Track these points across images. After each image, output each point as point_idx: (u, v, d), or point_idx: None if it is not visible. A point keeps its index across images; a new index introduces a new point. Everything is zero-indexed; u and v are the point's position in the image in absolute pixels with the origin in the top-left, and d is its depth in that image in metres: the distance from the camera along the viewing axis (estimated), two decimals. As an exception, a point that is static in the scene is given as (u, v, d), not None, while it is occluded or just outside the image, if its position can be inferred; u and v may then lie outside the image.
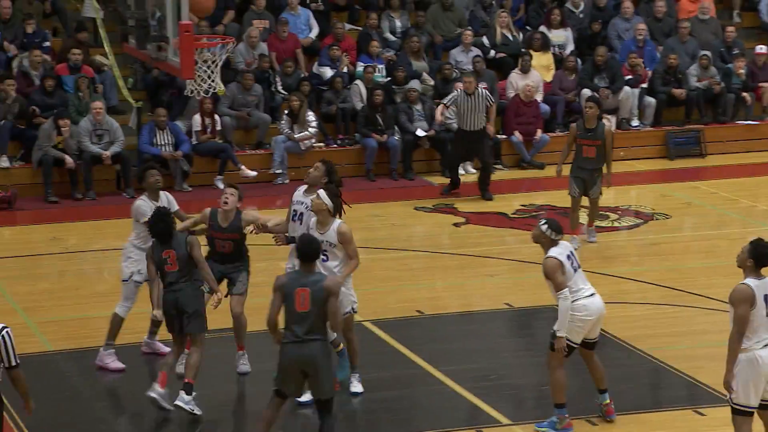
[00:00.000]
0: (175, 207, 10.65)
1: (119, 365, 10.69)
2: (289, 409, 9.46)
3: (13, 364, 7.53)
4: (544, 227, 9.26)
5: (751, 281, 8.05)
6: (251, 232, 10.19)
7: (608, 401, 9.41)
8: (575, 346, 9.27)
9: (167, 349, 10.74)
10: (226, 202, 10.11)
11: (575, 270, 9.24)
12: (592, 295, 9.28)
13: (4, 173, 16.66)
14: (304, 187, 10.03)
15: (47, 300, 12.67)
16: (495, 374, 10.53)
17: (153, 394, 9.49)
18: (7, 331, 7.52)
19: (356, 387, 9.94)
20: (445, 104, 16.52)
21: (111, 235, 10.77)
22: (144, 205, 10.54)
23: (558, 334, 9.13)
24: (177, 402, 9.41)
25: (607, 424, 9.45)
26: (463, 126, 16.31)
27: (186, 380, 9.48)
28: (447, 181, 17.81)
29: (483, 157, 16.59)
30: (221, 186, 17.09)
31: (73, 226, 15.63)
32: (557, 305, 9.16)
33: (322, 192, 9.45)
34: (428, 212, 16.17)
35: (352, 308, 9.74)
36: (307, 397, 9.43)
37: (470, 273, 13.67)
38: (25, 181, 16.71)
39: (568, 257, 9.22)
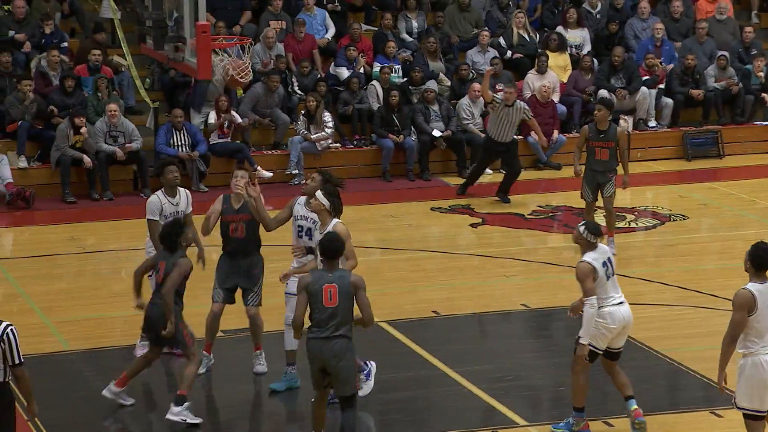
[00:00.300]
0: (190, 208, 10.68)
1: None
2: (280, 422, 9.47)
3: (17, 362, 7.47)
4: (582, 228, 9.17)
5: (752, 286, 8.02)
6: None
7: (635, 407, 9.21)
8: (599, 352, 9.14)
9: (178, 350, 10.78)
10: (238, 185, 10.14)
11: (608, 277, 9.07)
12: (620, 303, 9.12)
13: (21, 173, 16.72)
14: (303, 198, 9.92)
15: (64, 300, 12.71)
16: (511, 375, 10.52)
17: (105, 392, 9.52)
18: (11, 329, 7.48)
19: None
20: (494, 97, 16.14)
21: (127, 235, 10.80)
22: (157, 202, 10.57)
23: (581, 341, 9.09)
24: (167, 416, 9.38)
25: (623, 425, 9.41)
26: (495, 136, 15.92)
27: (179, 392, 9.45)
28: (463, 181, 17.81)
29: (513, 167, 16.31)
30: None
31: (91, 226, 15.67)
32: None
33: (319, 193, 9.39)
34: (444, 213, 16.17)
35: None
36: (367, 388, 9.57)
37: (486, 274, 13.66)
38: (43, 181, 16.77)
39: (604, 264, 9.05)
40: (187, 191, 10.80)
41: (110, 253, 14.36)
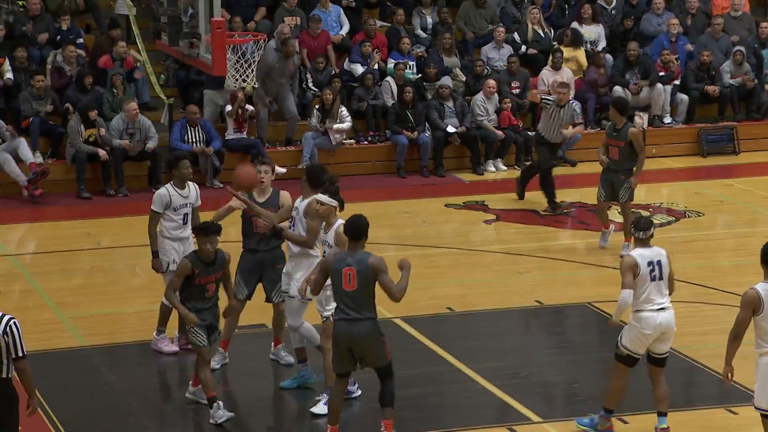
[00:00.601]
0: (199, 201, 10.79)
1: (173, 348, 10.89)
2: (297, 417, 9.53)
3: (20, 354, 7.47)
4: (632, 225, 9.11)
5: (761, 286, 8.03)
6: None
7: (665, 426, 9.06)
8: (637, 357, 9.00)
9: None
10: (262, 180, 10.18)
11: (653, 279, 8.87)
12: (660, 309, 8.91)
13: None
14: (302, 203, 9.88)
15: (79, 295, 12.78)
16: (525, 371, 10.54)
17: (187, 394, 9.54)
18: (14, 322, 7.51)
19: (320, 408, 9.54)
20: (542, 99, 15.72)
21: (143, 231, 10.85)
22: (165, 194, 10.66)
23: (611, 321, 9.08)
24: (211, 421, 9.42)
25: (638, 422, 9.42)
26: (547, 135, 15.47)
27: (207, 396, 9.50)
28: (477, 177, 17.83)
29: (542, 163, 15.79)
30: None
31: (106, 222, 15.73)
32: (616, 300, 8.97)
33: (322, 196, 9.39)
34: (458, 209, 16.17)
35: (331, 316, 9.36)
36: (320, 409, 9.49)
37: (501, 270, 13.67)
38: (58, 177, 16.84)
39: (650, 263, 8.87)
40: (196, 185, 10.88)
41: (125, 249, 14.42)
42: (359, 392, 9.68)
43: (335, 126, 17.45)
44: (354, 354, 8.75)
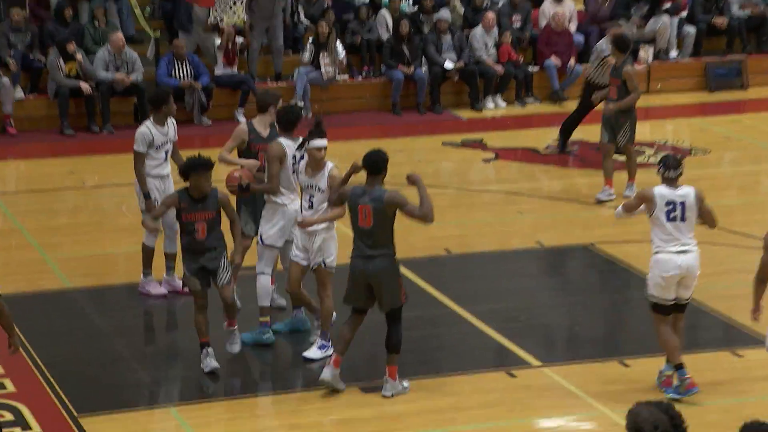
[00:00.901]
0: (176, 136, 10.81)
1: (161, 290, 10.93)
2: (292, 362, 9.58)
3: None
4: (660, 163, 9.02)
5: None
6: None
7: (671, 373, 8.94)
8: (666, 303, 8.84)
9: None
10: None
11: (670, 220, 8.76)
12: (680, 252, 8.79)
13: (18, 105, 16.71)
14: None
15: (65, 236, 12.78)
16: (525, 315, 10.58)
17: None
18: None
19: (314, 352, 9.56)
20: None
21: (129, 170, 10.80)
22: (147, 133, 10.66)
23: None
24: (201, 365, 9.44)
25: (640, 366, 9.49)
26: (595, 79, 14.81)
27: (200, 341, 9.49)
28: (475, 114, 17.78)
29: (585, 106, 15.21)
30: (242, 119, 17.12)
31: (91, 159, 15.70)
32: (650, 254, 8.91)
33: (319, 141, 9.20)
34: (456, 147, 16.14)
35: (324, 262, 9.41)
36: (314, 353, 9.55)
37: (500, 210, 13.68)
38: (41, 113, 16.77)
39: (669, 203, 8.76)
40: (173, 120, 10.86)
41: (111, 188, 14.40)
42: (330, 351, 9.63)
43: (340, 58, 17.27)
44: (372, 291, 8.85)
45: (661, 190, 8.88)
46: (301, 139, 9.51)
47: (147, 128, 10.72)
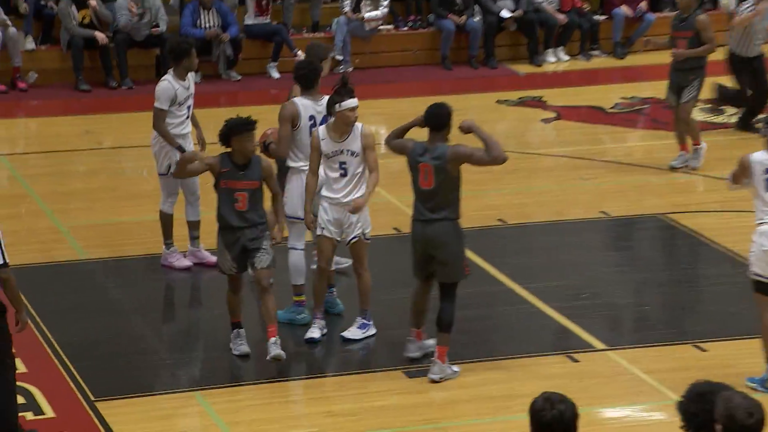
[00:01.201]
0: (193, 89, 10.83)
1: (185, 263, 10.96)
2: (326, 343, 9.60)
3: (1, 262, 7.39)
4: (760, 123, 8.89)
5: None
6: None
7: None
8: (766, 281, 8.69)
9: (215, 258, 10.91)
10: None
11: None
12: None
13: (29, 56, 16.79)
14: (323, 129, 9.49)
15: (80, 201, 12.86)
16: (588, 292, 10.55)
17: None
18: None
19: (353, 332, 9.57)
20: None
21: (149, 129, 10.84)
22: (170, 88, 10.68)
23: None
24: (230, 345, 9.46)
25: (717, 350, 9.43)
26: (736, 50, 14.52)
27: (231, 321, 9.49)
28: (534, 69, 17.71)
29: (760, 86, 14.64)
30: (275, 75, 17.13)
31: (108, 118, 15.78)
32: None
33: (350, 101, 9.15)
34: (512, 106, 16.11)
35: (363, 233, 9.43)
36: (354, 333, 9.56)
37: (560, 176, 13.63)
38: (54, 65, 16.85)
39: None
40: (192, 73, 10.93)
41: (130, 149, 14.47)
42: (372, 330, 9.63)
43: (366, 15, 17.31)
44: (429, 259, 8.88)
45: (760, 156, 8.73)
46: (325, 98, 9.47)
47: (169, 83, 10.75)
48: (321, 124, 9.53)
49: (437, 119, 8.85)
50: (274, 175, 9.34)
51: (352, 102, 9.25)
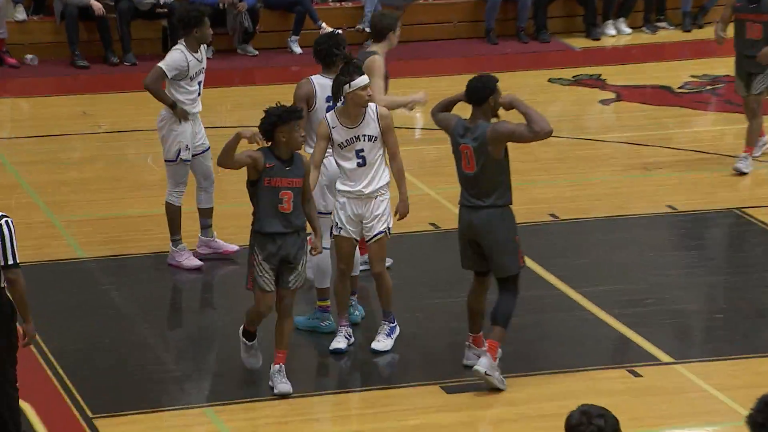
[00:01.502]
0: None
1: (195, 263, 11.00)
2: (352, 355, 9.63)
3: (10, 262, 7.51)
4: None
5: None
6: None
7: None
8: None
9: (233, 247, 10.95)
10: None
11: None
12: None
13: (20, 27, 16.87)
14: (332, 115, 9.48)
15: (77, 193, 12.94)
16: (652, 297, 10.55)
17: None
18: (6, 220, 7.57)
19: (383, 342, 9.60)
20: None
21: (156, 111, 10.87)
22: (182, 59, 10.74)
23: None
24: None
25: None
26: None
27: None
28: (592, 43, 17.69)
29: None
30: (297, 50, 17.17)
31: (108, 98, 15.86)
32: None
33: (364, 79, 9.13)
34: (567, 85, 16.13)
35: (388, 228, 9.42)
36: (385, 343, 9.57)
37: (621, 166, 13.63)
38: (47, 39, 16.95)
39: None
40: (205, 47, 11.03)
41: (133, 133, 14.54)
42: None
43: None
44: (479, 250, 8.95)
45: None
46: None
47: (181, 53, 10.78)
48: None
49: (476, 92, 8.91)
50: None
51: (363, 80, 9.21)
